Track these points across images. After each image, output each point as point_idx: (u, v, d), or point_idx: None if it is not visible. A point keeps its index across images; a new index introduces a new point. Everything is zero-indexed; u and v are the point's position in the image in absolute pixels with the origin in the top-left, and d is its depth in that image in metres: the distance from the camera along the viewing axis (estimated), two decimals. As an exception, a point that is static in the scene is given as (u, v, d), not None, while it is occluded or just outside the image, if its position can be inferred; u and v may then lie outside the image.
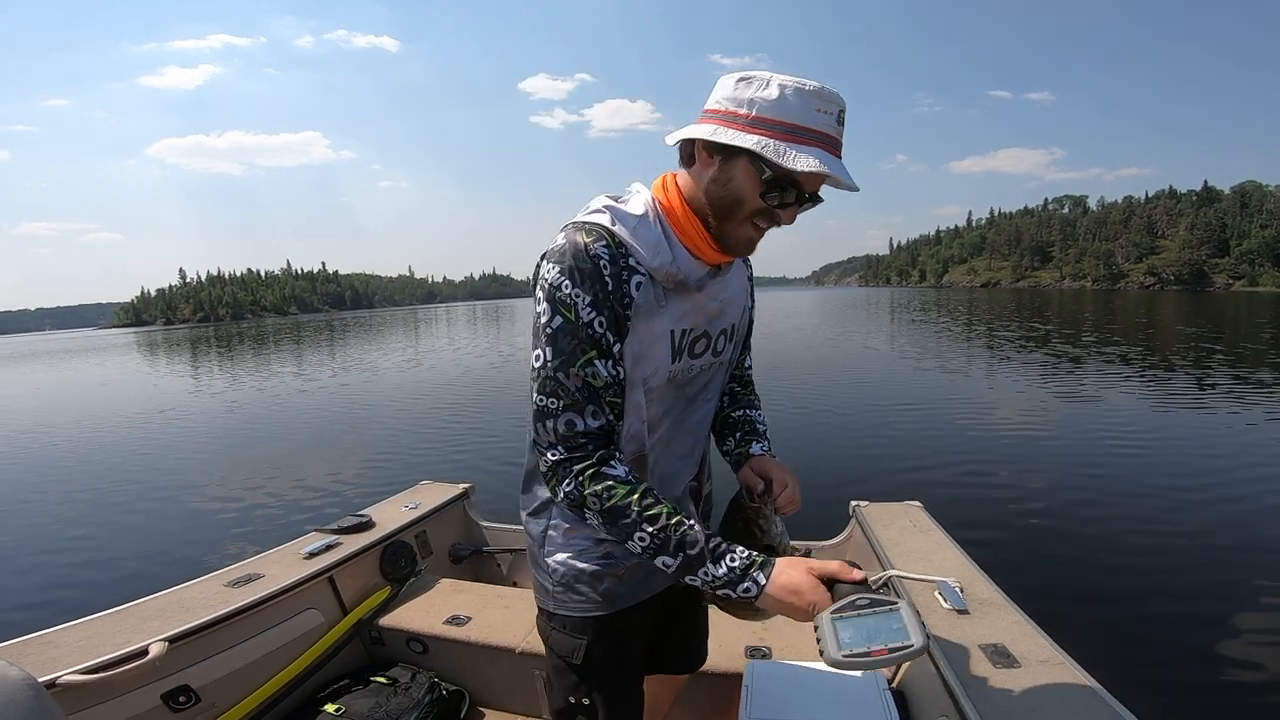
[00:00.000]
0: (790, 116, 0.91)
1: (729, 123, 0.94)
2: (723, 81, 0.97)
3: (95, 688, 1.50)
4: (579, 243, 0.96)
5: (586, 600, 1.14)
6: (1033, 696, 1.32)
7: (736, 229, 1.00)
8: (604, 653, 1.16)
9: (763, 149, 0.91)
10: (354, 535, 2.37)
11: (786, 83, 0.91)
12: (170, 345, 45.63)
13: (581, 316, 0.95)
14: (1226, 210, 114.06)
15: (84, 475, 7.65)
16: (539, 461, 1.02)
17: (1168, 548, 4.15)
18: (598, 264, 0.95)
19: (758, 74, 0.94)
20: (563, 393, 0.97)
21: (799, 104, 0.91)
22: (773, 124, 0.92)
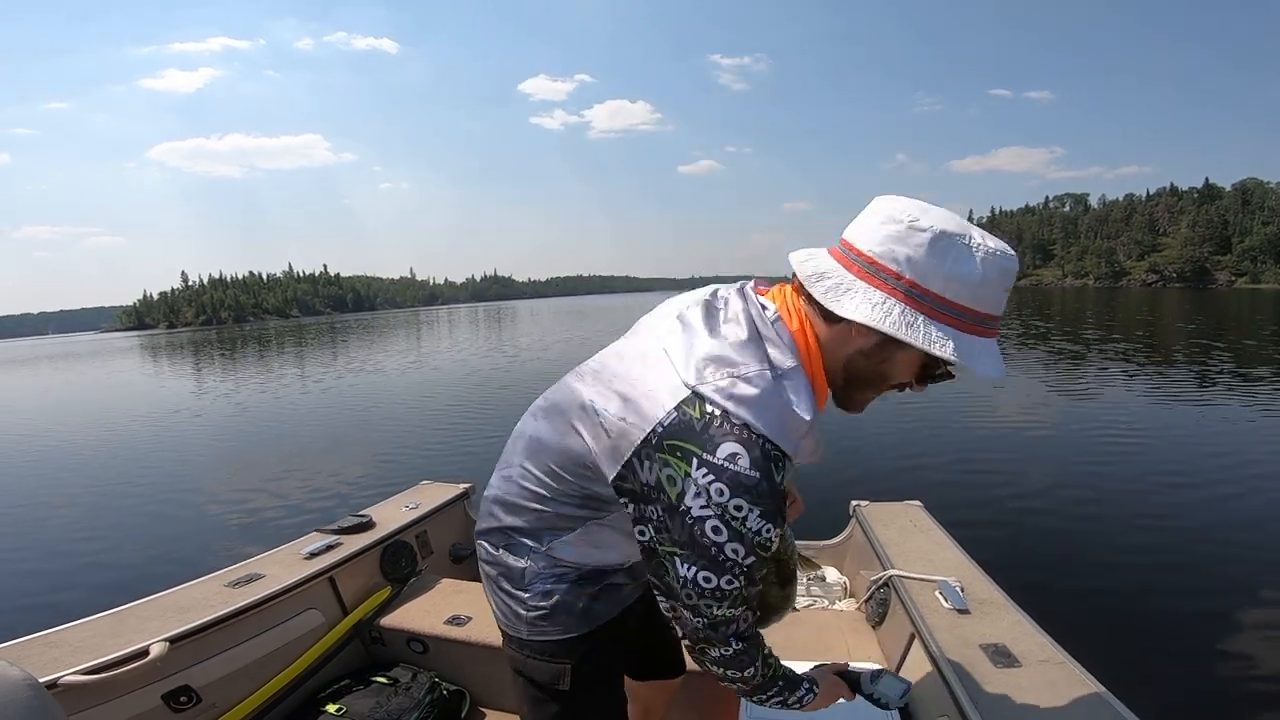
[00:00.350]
0: (985, 304, 0.80)
1: (911, 299, 0.79)
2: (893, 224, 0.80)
3: (96, 688, 1.51)
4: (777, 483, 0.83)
5: (568, 624, 1.08)
6: (1033, 696, 1.31)
7: (864, 397, 0.93)
8: (589, 670, 1.10)
9: (959, 358, 0.79)
10: (354, 535, 2.37)
11: (991, 254, 0.78)
12: (173, 348, 45.69)
13: (771, 547, 0.86)
14: (1228, 207, 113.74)
15: (85, 476, 7.68)
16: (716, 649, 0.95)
17: (1169, 546, 4.14)
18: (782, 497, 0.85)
19: (960, 232, 0.78)
20: (746, 603, 0.91)
21: (999, 284, 0.80)
22: (965, 312, 0.79)
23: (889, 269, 0.80)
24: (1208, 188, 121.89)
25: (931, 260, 0.78)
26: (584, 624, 1.08)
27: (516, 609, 1.08)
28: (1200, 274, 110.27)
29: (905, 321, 0.79)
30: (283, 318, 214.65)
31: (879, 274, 0.81)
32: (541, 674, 1.10)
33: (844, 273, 0.83)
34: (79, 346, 74.13)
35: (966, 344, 0.79)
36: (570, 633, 1.08)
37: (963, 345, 0.79)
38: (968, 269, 0.77)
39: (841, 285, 0.83)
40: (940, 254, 0.78)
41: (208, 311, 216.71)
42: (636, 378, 0.91)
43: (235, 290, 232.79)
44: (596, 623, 1.10)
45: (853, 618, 2.09)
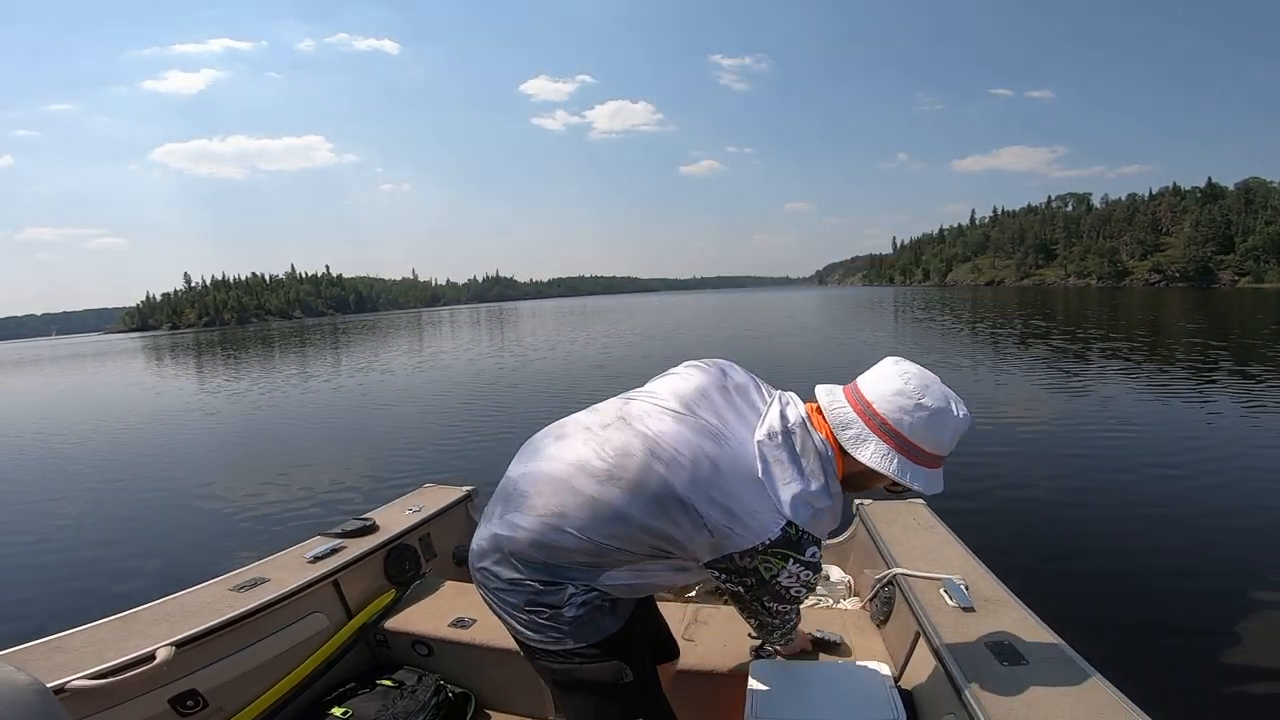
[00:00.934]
0: (943, 451, 1.23)
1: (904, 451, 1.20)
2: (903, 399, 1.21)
3: (103, 692, 1.51)
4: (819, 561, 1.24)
5: (608, 621, 1.19)
6: (1039, 693, 1.31)
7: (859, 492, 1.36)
8: (640, 662, 1.24)
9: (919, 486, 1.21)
10: (358, 539, 2.38)
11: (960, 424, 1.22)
12: (176, 349, 45.76)
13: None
14: (1231, 207, 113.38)
15: (88, 480, 7.69)
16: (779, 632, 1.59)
17: (1176, 543, 4.14)
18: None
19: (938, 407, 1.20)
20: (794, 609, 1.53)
21: (951, 439, 1.22)
22: (929, 457, 1.21)
23: (896, 430, 1.20)
24: (1210, 187, 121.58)
25: (924, 430, 1.19)
26: (617, 620, 1.20)
27: (556, 624, 1.16)
28: (1203, 274, 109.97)
29: (898, 468, 1.19)
30: (285, 319, 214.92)
31: (888, 432, 1.20)
32: (605, 674, 1.18)
33: (863, 426, 1.22)
34: (82, 348, 74.24)
35: (929, 477, 1.22)
36: (611, 630, 1.18)
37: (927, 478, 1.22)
38: (945, 434, 1.21)
39: (860, 437, 1.21)
40: (931, 425, 1.19)
41: (210, 313, 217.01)
42: (736, 495, 1.15)
43: (238, 291, 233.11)
44: (625, 617, 1.22)
45: (857, 616, 2.09)
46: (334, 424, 10.32)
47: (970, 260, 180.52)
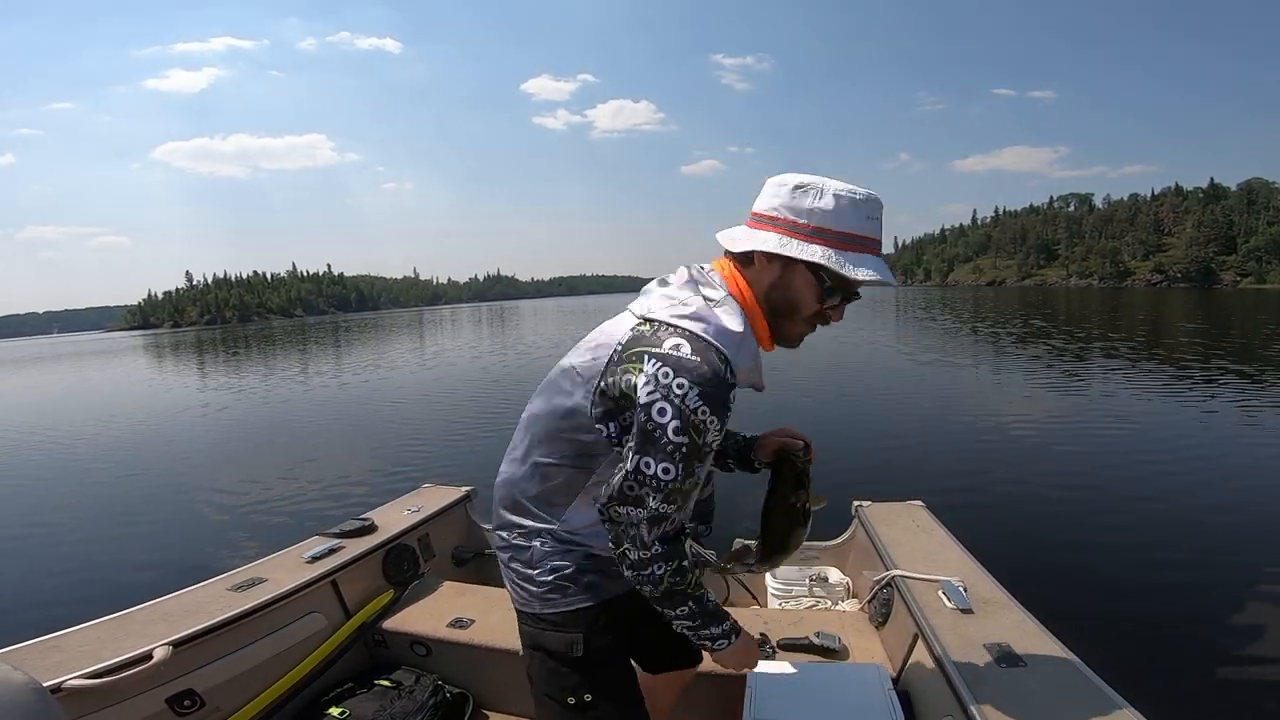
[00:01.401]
0: (845, 226, 1.03)
1: (791, 232, 1.05)
2: (775, 187, 1.07)
3: (100, 692, 1.51)
4: (718, 371, 1.00)
5: (576, 595, 1.18)
6: (1038, 696, 1.32)
7: (793, 328, 1.12)
8: (601, 643, 1.20)
9: (829, 261, 1.02)
10: (356, 539, 2.38)
11: (841, 192, 1.02)
12: (177, 348, 45.82)
13: (709, 441, 1.01)
14: (1233, 207, 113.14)
15: (86, 479, 7.68)
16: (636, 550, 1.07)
17: (1175, 545, 4.13)
18: (730, 393, 1.03)
19: (811, 181, 1.04)
20: (680, 499, 1.04)
21: (853, 214, 1.03)
22: (832, 234, 1.03)
23: (771, 216, 1.07)
24: (1213, 187, 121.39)
25: (794, 202, 1.04)
26: (591, 596, 1.19)
27: (529, 587, 1.20)
28: (1205, 274, 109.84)
29: (782, 243, 1.04)
30: (287, 317, 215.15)
31: (765, 222, 1.08)
32: (556, 643, 1.19)
33: (745, 229, 1.11)
34: (83, 346, 74.36)
35: (840, 257, 1.02)
36: (580, 604, 1.18)
37: (837, 257, 1.02)
38: (823, 203, 1.02)
39: (743, 237, 1.10)
40: (800, 197, 1.04)
41: (212, 311, 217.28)
42: (602, 331, 1.14)
43: (239, 290, 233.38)
44: (603, 596, 1.20)
45: (855, 618, 2.09)
46: (333, 423, 10.31)
47: (971, 260, 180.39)
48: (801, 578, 2.39)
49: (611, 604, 1.22)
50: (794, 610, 2.25)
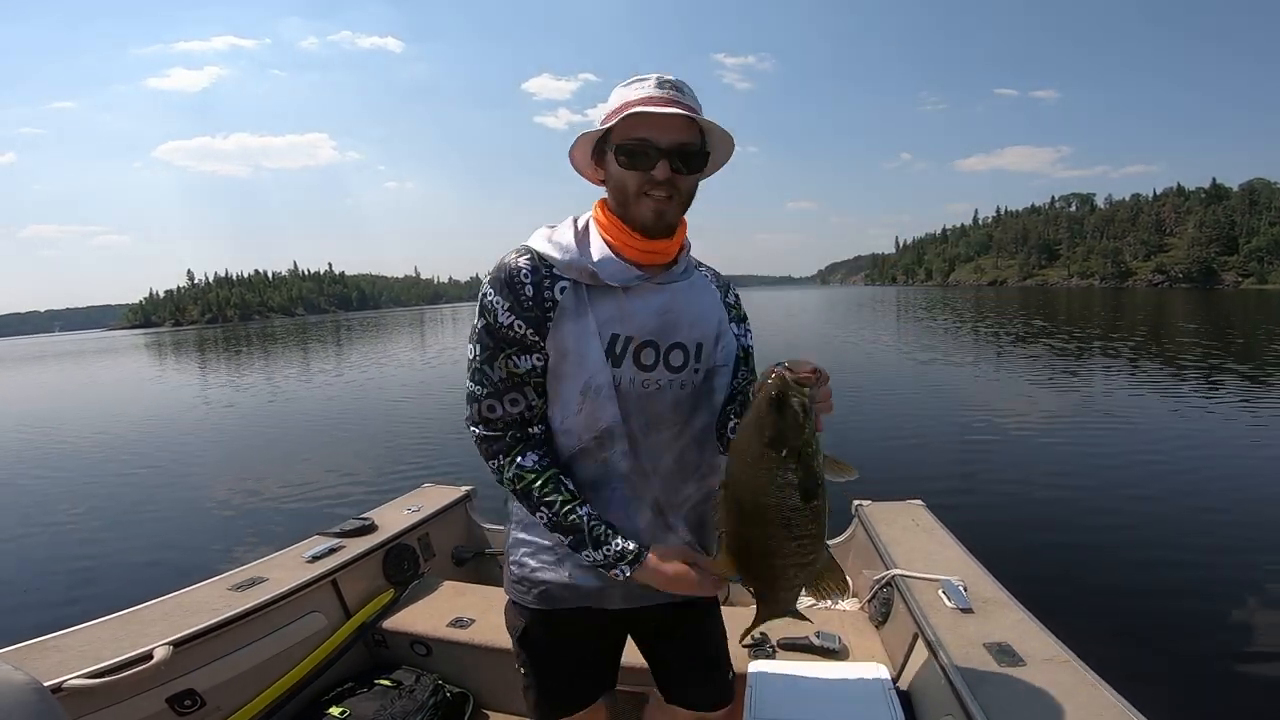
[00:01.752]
0: (618, 102, 1.09)
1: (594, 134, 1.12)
2: None
3: (100, 691, 1.51)
4: (506, 260, 1.12)
5: (529, 593, 1.23)
6: (1038, 695, 1.32)
7: (636, 208, 1.11)
8: (538, 639, 1.27)
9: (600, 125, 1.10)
10: (356, 538, 2.38)
11: (622, 85, 1.11)
12: (178, 346, 45.85)
13: (500, 320, 1.09)
14: (1235, 208, 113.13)
15: (87, 479, 7.68)
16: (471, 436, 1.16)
17: (1173, 545, 4.13)
18: (517, 275, 1.09)
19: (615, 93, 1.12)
20: (487, 382, 1.12)
21: (625, 93, 1.09)
22: (611, 115, 1.08)
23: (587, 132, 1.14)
24: (1215, 188, 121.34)
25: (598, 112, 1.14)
26: (541, 601, 1.22)
27: (508, 568, 1.28)
28: (1207, 274, 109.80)
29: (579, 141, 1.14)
30: (288, 316, 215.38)
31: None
32: (509, 622, 1.31)
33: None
34: (84, 344, 74.43)
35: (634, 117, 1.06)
36: (530, 603, 1.23)
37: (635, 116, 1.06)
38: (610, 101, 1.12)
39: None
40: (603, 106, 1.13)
41: (213, 310, 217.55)
42: None
43: (241, 289, 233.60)
44: (555, 605, 1.22)
45: (855, 617, 2.09)
46: (333, 423, 10.31)
47: (973, 260, 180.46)
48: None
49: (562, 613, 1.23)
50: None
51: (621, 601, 1.22)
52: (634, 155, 1.07)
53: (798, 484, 0.92)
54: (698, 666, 1.39)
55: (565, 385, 1.12)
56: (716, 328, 1.21)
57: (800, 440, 0.90)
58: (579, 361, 1.10)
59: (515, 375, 1.11)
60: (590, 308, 1.10)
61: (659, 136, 1.06)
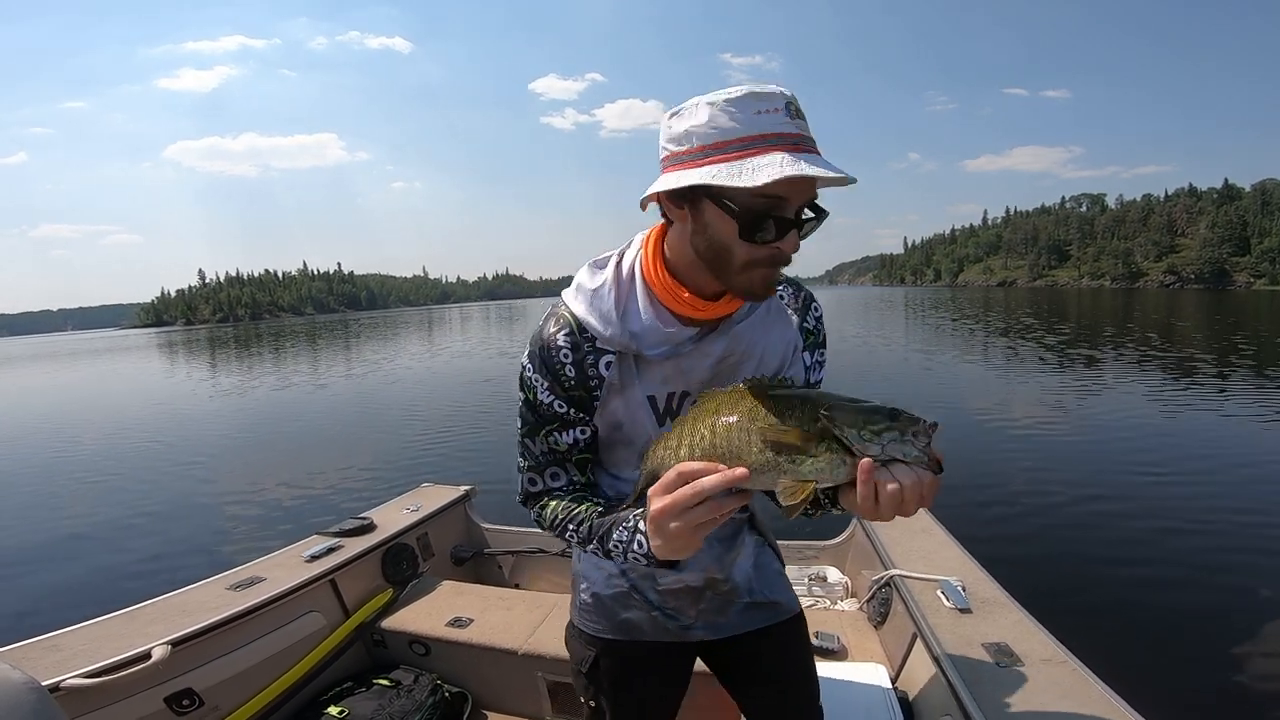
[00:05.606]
0: (731, 132, 0.80)
1: (679, 164, 0.84)
2: (661, 123, 0.90)
3: (99, 691, 1.52)
4: (544, 334, 1.00)
5: (602, 623, 1.18)
6: (1036, 695, 1.32)
7: (739, 277, 0.87)
8: (610, 670, 1.19)
9: (714, 178, 0.78)
10: (355, 538, 2.39)
11: (714, 99, 0.81)
12: (189, 345, 46.17)
13: (540, 399, 1.00)
14: (1247, 208, 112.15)
15: (86, 479, 7.72)
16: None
17: (1171, 545, 4.11)
18: (556, 355, 0.98)
19: (686, 103, 0.85)
20: (528, 455, 1.05)
21: (737, 114, 0.80)
22: (718, 148, 0.81)
23: (663, 157, 0.88)
24: (1227, 188, 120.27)
25: (673, 131, 0.86)
26: (618, 631, 1.17)
27: (575, 599, 1.23)
28: (1219, 275, 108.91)
29: (672, 179, 0.84)
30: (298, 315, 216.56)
31: (663, 164, 0.88)
32: (574, 654, 1.23)
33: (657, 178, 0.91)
34: (97, 344, 74.99)
35: (732, 167, 0.79)
36: (604, 633, 1.18)
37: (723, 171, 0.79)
38: (696, 118, 0.83)
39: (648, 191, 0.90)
40: (676, 122, 0.85)
41: (225, 309, 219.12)
42: None
43: (251, 288, 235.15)
44: (633, 635, 1.17)
45: (854, 617, 2.08)
46: (333, 422, 10.35)
47: (982, 260, 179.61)
48: (801, 577, 2.39)
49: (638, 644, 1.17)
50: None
51: (703, 634, 1.18)
52: (758, 223, 0.81)
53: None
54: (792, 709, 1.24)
55: (620, 452, 1.06)
56: (781, 362, 1.05)
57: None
58: (631, 430, 1.02)
59: (557, 451, 1.03)
60: (638, 379, 0.99)
61: (795, 199, 0.82)
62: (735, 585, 1.16)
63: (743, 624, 1.17)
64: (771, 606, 1.19)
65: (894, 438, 0.69)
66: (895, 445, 0.69)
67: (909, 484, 0.70)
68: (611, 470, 1.08)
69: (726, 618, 1.17)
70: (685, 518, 0.76)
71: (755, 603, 1.18)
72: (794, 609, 1.23)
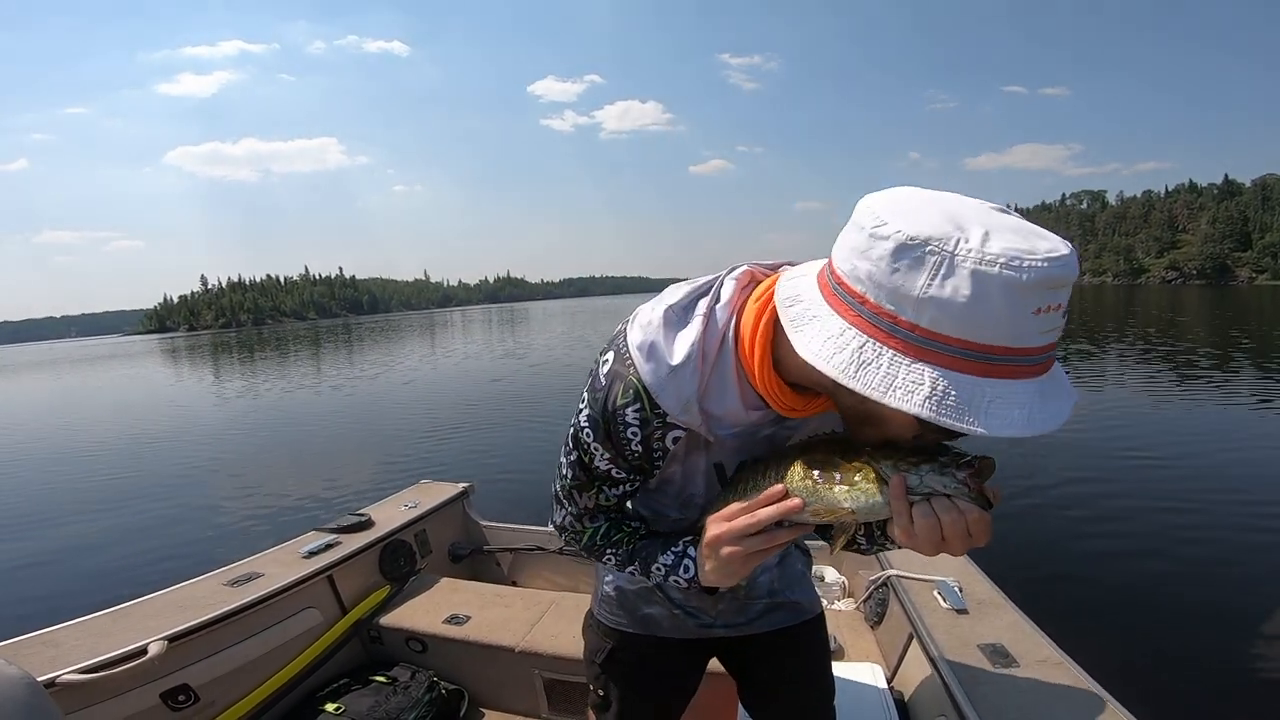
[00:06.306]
0: (983, 333, 0.55)
1: (881, 331, 0.58)
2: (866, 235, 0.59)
3: (94, 687, 1.52)
4: (610, 402, 0.83)
5: (624, 616, 1.17)
6: (1031, 696, 1.32)
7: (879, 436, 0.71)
8: (625, 662, 1.18)
9: (938, 412, 0.55)
10: (353, 534, 2.38)
11: (991, 266, 0.53)
12: (192, 351, 46.28)
13: (598, 465, 0.89)
14: (1248, 204, 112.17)
15: (83, 475, 7.77)
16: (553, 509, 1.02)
17: (1168, 545, 4.09)
18: (624, 431, 0.83)
19: (938, 238, 0.55)
20: (574, 504, 0.96)
21: (1006, 308, 0.54)
22: (956, 346, 0.56)
23: (854, 291, 0.61)
24: (1228, 184, 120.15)
25: (896, 278, 0.56)
26: (637, 625, 1.16)
27: (597, 590, 1.22)
28: (1220, 271, 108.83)
29: (858, 361, 0.59)
30: (300, 320, 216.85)
31: (845, 297, 0.62)
32: (591, 645, 1.23)
33: (816, 295, 0.66)
34: (101, 350, 75.15)
35: (965, 390, 0.55)
36: (623, 626, 1.17)
37: (959, 393, 0.55)
38: (952, 288, 0.54)
39: (808, 313, 0.66)
40: (907, 270, 0.56)
41: (227, 314, 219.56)
42: None
43: (253, 293, 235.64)
44: (652, 630, 1.16)
45: (851, 617, 2.08)
46: (332, 421, 10.39)
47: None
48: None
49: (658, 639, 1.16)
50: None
51: (723, 632, 1.16)
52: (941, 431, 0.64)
53: None
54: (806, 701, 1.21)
55: (661, 497, 0.99)
56: None
57: None
58: (682, 484, 0.95)
59: (605, 506, 0.96)
60: (705, 450, 0.89)
61: None
62: (758, 585, 1.14)
63: (763, 624, 1.16)
64: (793, 607, 1.17)
65: (931, 469, 0.67)
66: (933, 477, 0.67)
67: (948, 519, 0.67)
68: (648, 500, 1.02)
69: (747, 617, 1.15)
70: (742, 544, 0.76)
71: (777, 603, 1.16)
72: (815, 610, 1.21)
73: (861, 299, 0.60)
